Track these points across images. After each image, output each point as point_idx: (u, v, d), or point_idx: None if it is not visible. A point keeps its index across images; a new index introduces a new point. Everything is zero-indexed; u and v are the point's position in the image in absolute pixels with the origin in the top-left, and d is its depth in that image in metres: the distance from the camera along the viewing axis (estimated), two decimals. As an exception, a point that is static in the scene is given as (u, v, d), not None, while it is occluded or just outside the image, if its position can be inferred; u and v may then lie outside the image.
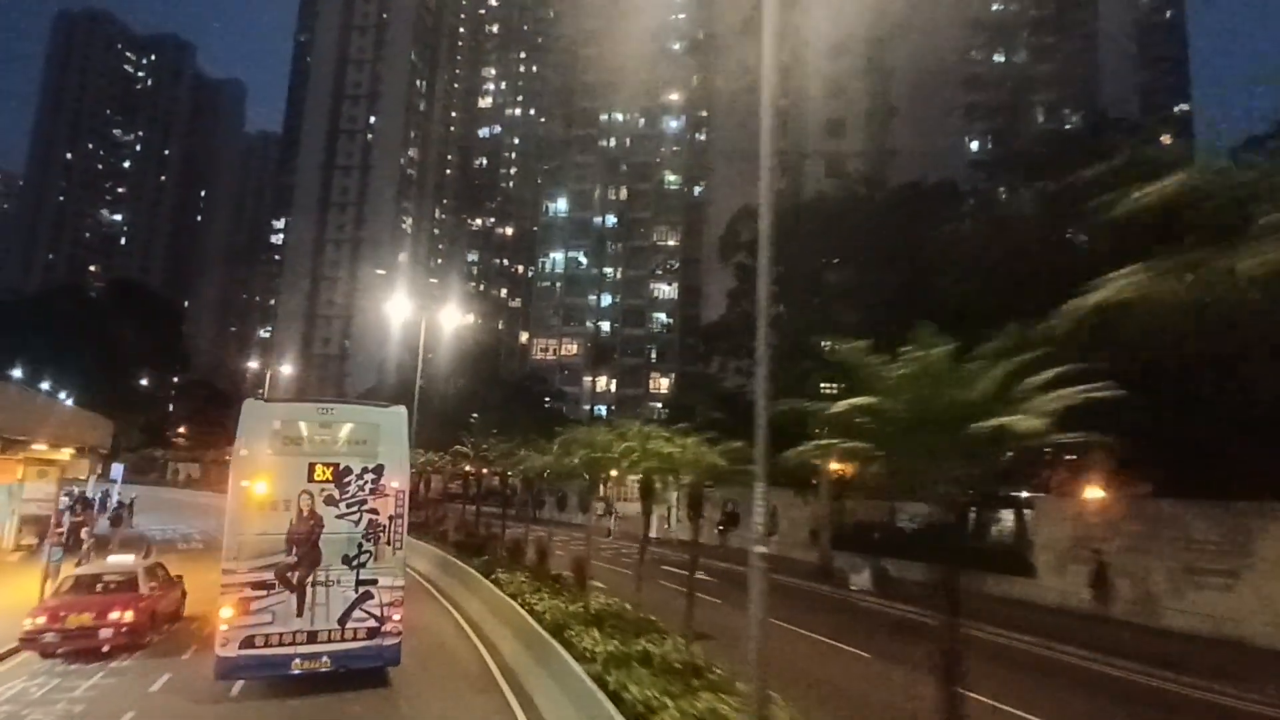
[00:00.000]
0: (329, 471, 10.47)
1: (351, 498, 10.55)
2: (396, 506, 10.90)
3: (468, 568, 19.65)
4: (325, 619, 10.20)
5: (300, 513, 10.22)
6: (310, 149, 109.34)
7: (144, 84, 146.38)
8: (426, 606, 18.40)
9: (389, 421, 11.28)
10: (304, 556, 10.14)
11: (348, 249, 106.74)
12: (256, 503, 10.10)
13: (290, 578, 10.08)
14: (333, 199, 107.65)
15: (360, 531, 10.54)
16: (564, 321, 72.46)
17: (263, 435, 10.47)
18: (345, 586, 10.34)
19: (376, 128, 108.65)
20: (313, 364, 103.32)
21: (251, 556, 9.93)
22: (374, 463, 10.75)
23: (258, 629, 9.86)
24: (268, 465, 10.28)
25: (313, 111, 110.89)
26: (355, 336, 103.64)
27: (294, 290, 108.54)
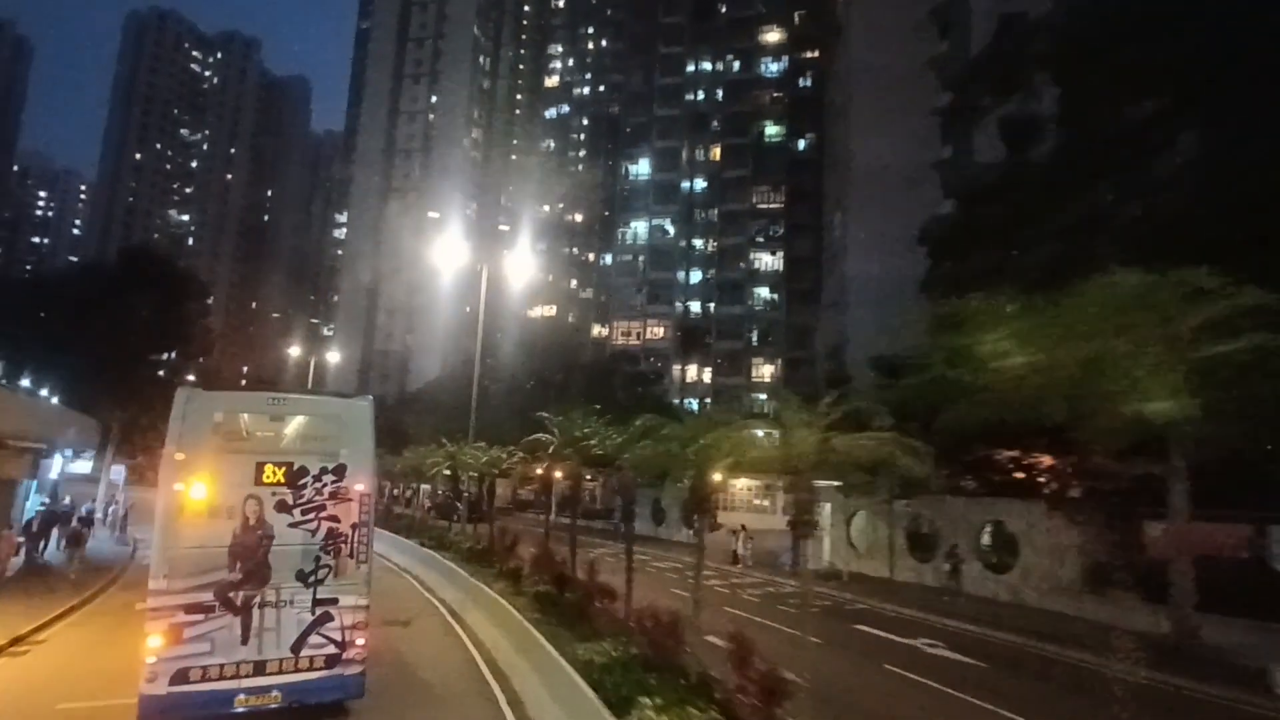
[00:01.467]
0: (281, 472, 8.84)
1: (308, 503, 8.90)
2: (361, 513, 9.18)
3: (581, 684, 8.61)
4: (276, 646, 8.61)
5: (246, 521, 8.61)
6: (371, 132, 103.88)
7: (211, 83, 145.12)
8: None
9: (352, 414, 9.61)
10: (250, 573, 8.54)
11: (410, 238, 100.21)
12: (193, 510, 8.44)
13: (233, 598, 8.46)
14: (394, 185, 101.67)
15: (318, 542, 8.90)
16: (648, 300, 62.72)
17: (201, 430, 8.70)
18: (300, 607, 8.73)
19: (438, 108, 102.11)
20: (373, 359, 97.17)
21: (186, 574, 8.27)
22: (334, 462, 9.09)
23: (193, 660, 8.23)
24: (207, 466, 8.56)
25: (373, 95, 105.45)
26: (418, 330, 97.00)
27: (355, 285, 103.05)
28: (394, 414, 78.03)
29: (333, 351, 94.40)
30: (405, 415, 74.10)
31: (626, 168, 67.26)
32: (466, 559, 22.13)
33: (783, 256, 59.50)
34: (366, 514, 9.35)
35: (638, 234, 65.47)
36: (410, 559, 25.67)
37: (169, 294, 39.89)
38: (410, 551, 26.16)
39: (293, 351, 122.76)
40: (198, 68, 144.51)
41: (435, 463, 29.16)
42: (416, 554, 25.18)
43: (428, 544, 26.14)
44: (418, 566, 23.94)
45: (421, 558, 24.58)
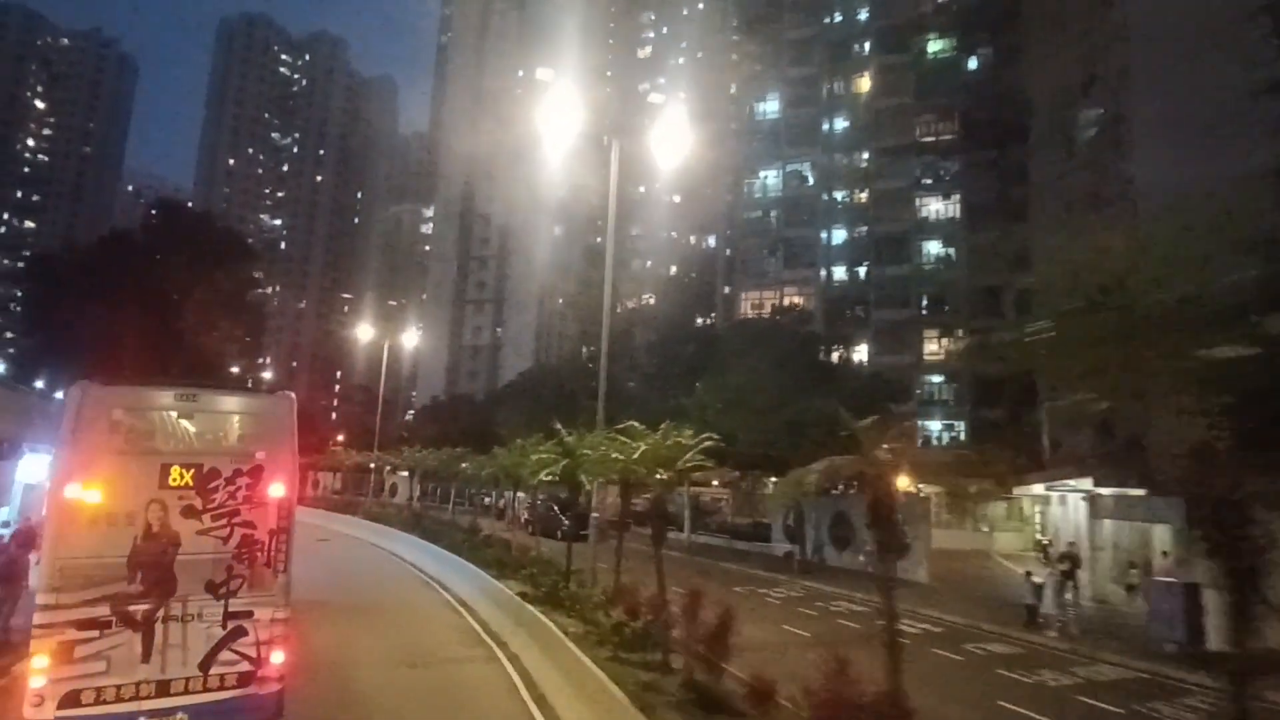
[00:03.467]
0: (189, 475, 8.02)
1: (219, 507, 8.12)
2: (280, 518, 8.47)
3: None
4: (181, 664, 7.82)
5: (149, 528, 7.74)
6: (456, 110, 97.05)
7: (299, 85, 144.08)
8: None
9: (270, 412, 8.94)
10: (153, 584, 7.68)
11: (497, 223, 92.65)
12: (88, 517, 7.54)
13: (133, 612, 7.60)
14: (480, 167, 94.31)
15: (230, 551, 8.10)
16: (783, 264, 51.15)
17: (98, 427, 7.87)
18: (209, 621, 7.95)
19: (524, 82, 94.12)
20: (463, 355, 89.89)
21: (79, 587, 7.42)
22: (250, 463, 8.36)
23: (85, 681, 7.39)
24: (104, 468, 7.69)
25: (458, 73, 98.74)
26: (509, 322, 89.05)
27: (442, 279, 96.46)
28: (483, 413, 70.29)
29: (419, 348, 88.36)
30: (496, 412, 65.66)
31: (751, 106, 55.98)
32: (608, 642, 11.80)
33: (959, 202, 46.78)
34: (286, 520, 8.56)
35: (767, 185, 54.06)
36: (509, 623, 15.41)
37: (207, 255, 32.15)
38: (508, 608, 15.92)
39: (380, 351, 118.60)
40: (286, 71, 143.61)
41: (544, 460, 18.84)
42: (522, 617, 14.87)
43: (533, 597, 15.92)
44: (533, 648, 13.52)
45: (531, 626, 14.26)
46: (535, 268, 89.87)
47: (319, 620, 16.11)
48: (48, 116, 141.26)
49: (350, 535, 35.98)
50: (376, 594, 20.76)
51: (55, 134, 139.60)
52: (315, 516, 43.52)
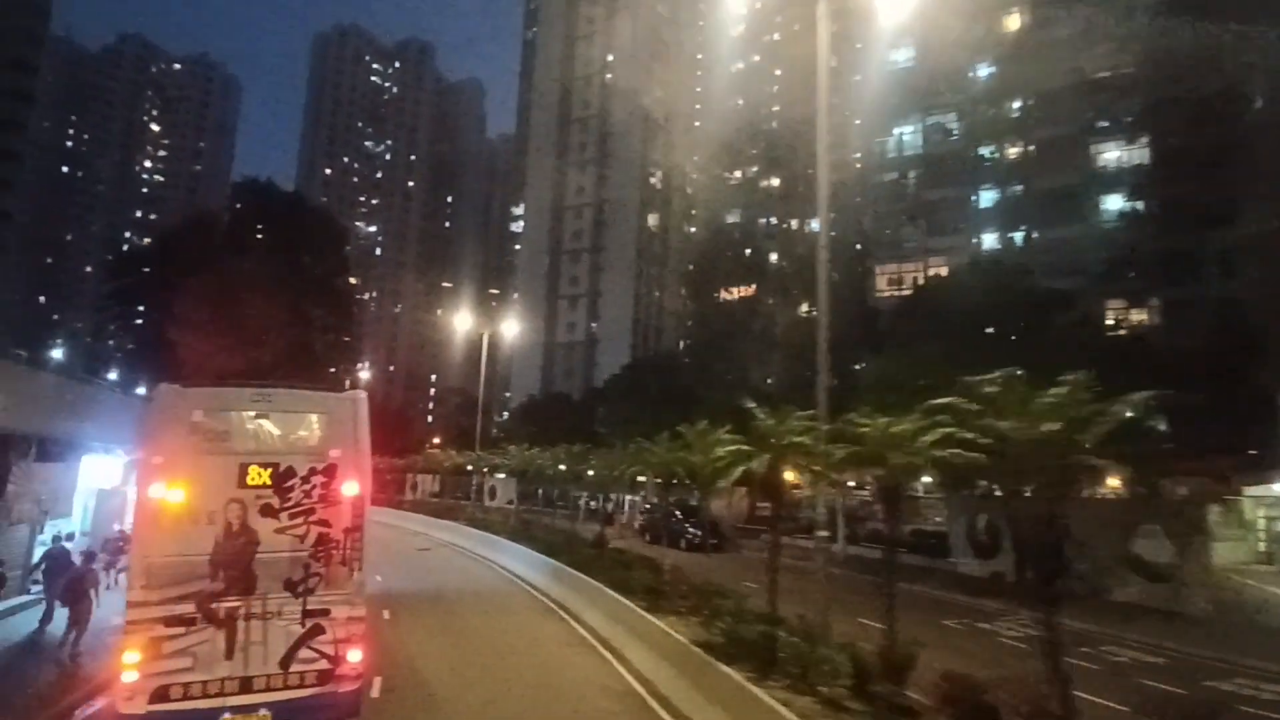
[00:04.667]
0: (266, 474, 8.21)
1: (296, 506, 8.27)
2: (354, 516, 8.48)
3: None
4: (263, 661, 7.92)
5: (229, 527, 7.95)
6: (544, 105, 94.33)
7: (390, 92, 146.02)
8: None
9: (343, 410, 8.95)
10: (234, 582, 7.88)
11: (589, 215, 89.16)
12: (171, 517, 7.81)
13: (216, 610, 7.81)
14: (570, 159, 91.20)
15: (307, 549, 8.24)
16: (926, 232, 44.52)
17: (179, 430, 8.17)
18: (289, 619, 8.06)
19: (614, 66, 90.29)
20: (557, 352, 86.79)
21: (165, 584, 7.68)
22: (324, 462, 8.45)
23: (174, 677, 7.59)
24: (186, 468, 7.96)
25: (545, 64, 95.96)
26: (604, 317, 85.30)
27: (534, 276, 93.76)
28: (580, 411, 66.65)
29: (513, 346, 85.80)
30: (596, 409, 61.71)
31: (888, 57, 49.43)
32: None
33: (1147, 147, 39.02)
34: (359, 518, 8.55)
35: (903, 142, 47.51)
36: (699, 698, 10.52)
37: (295, 237, 29.20)
38: (695, 673, 10.98)
39: (474, 352, 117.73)
40: (377, 79, 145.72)
41: (737, 454, 13.36)
42: (722, 693, 9.93)
43: (724, 652, 10.93)
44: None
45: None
46: (629, 260, 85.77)
47: (426, 671, 11.89)
48: (162, 139, 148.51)
49: (453, 544, 32.26)
50: (493, 627, 16.38)
51: (169, 155, 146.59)
52: (414, 522, 40.32)
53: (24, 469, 14.65)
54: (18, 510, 14.82)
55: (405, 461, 55.43)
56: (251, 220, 29.09)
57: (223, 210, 33.99)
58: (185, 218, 34.78)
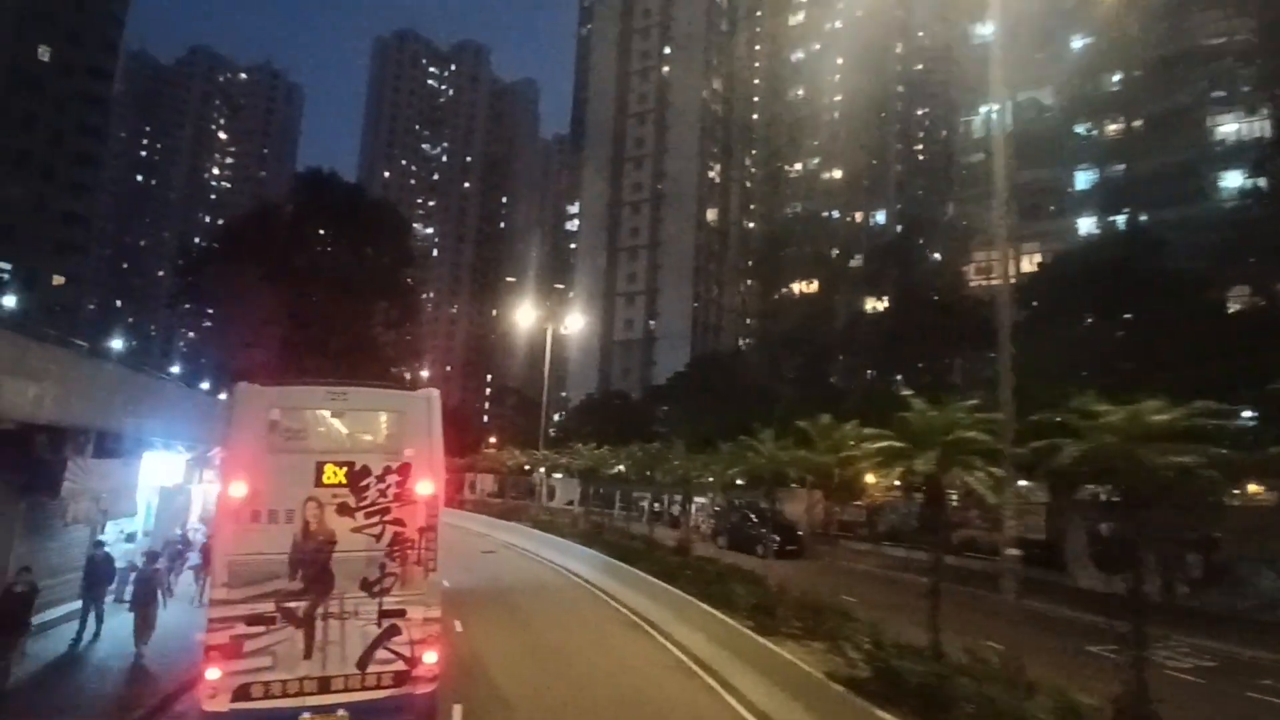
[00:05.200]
0: (342, 473, 8.17)
1: (371, 506, 8.19)
2: (428, 516, 8.42)
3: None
4: (340, 661, 7.89)
5: (306, 526, 7.95)
6: (600, 101, 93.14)
7: (446, 95, 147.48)
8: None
9: (417, 409, 8.81)
10: (312, 581, 7.87)
11: (647, 211, 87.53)
12: (251, 514, 7.81)
13: (295, 609, 7.80)
14: (627, 154, 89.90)
15: (383, 548, 8.17)
16: (1021, 215, 41.20)
17: (258, 428, 8.17)
18: (365, 619, 8.02)
19: (672, 59, 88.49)
20: (614, 350, 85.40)
21: (246, 583, 7.67)
22: (398, 461, 8.37)
23: (255, 676, 7.59)
24: (265, 466, 7.97)
25: (600, 63, 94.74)
26: (662, 314, 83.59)
27: (590, 272, 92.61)
28: (640, 409, 64.98)
29: (570, 344, 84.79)
30: (656, 408, 59.99)
31: (965, 28, 46.45)
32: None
33: (1270, 118, 35.21)
34: (433, 518, 8.50)
35: (993, 119, 44.27)
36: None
37: (357, 229, 28.28)
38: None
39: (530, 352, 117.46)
40: (434, 82, 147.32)
41: (889, 450, 11.24)
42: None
43: (868, 689, 8.92)
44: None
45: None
46: (687, 256, 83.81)
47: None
48: (228, 146, 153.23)
49: (518, 547, 30.92)
50: (577, 643, 14.73)
51: (235, 161, 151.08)
52: (476, 523, 39.21)
53: (81, 465, 13.62)
54: (74, 509, 13.81)
55: (465, 461, 54.73)
56: (314, 212, 28.33)
57: (286, 202, 33.52)
58: (249, 211, 34.34)
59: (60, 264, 59.08)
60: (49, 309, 51.87)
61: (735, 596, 14.64)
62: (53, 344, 10.85)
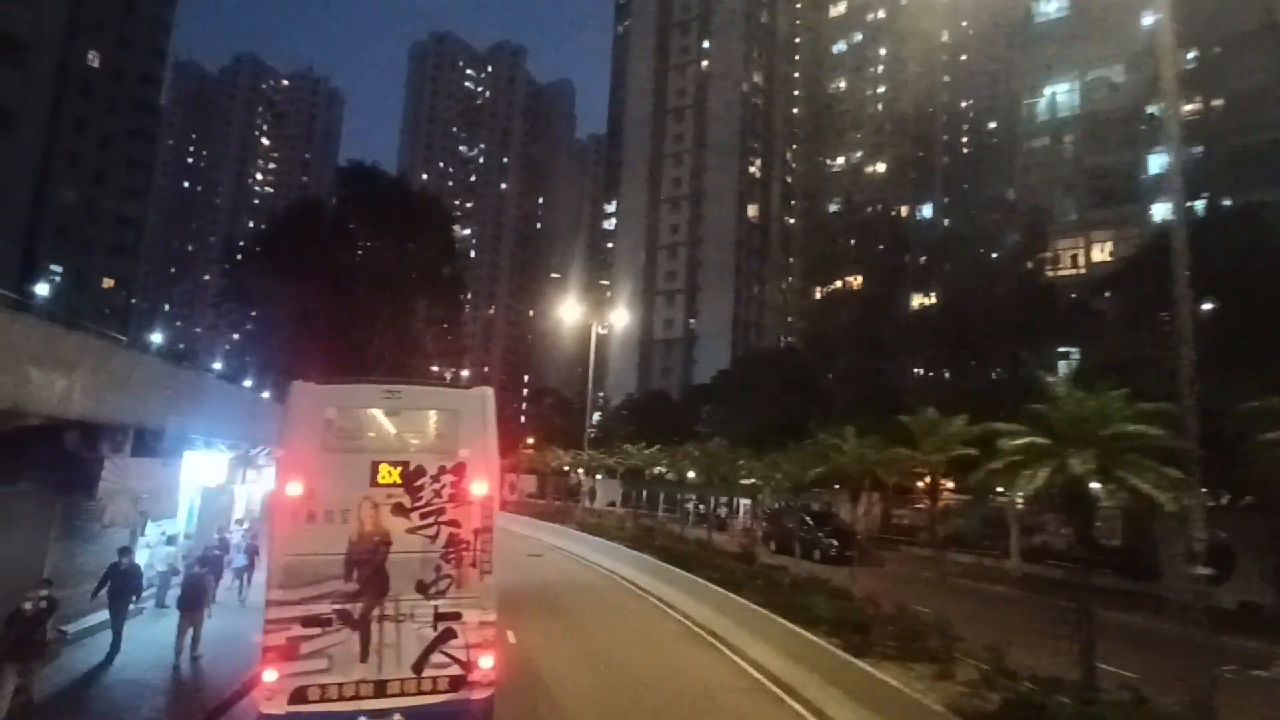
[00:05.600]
0: (396, 473, 8.02)
1: (426, 506, 8.06)
2: (483, 517, 8.30)
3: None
4: (396, 664, 7.72)
5: (362, 526, 7.82)
6: (638, 97, 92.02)
7: (483, 97, 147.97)
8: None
9: (471, 407, 8.69)
10: (367, 583, 7.75)
11: (686, 207, 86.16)
12: (307, 514, 7.73)
13: (350, 611, 7.68)
14: (665, 151, 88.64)
15: (438, 550, 8.03)
16: (1085, 204, 38.93)
17: (314, 427, 8.06)
18: (421, 622, 7.85)
19: (711, 53, 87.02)
20: (654, 350, 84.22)
21: (302, 584, 7.58)
22: (453, 461, 8.23)
23: (311, 678, 7.49)
24: (320, 466, 7.87)
25: (638, 59, 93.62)
26: (702, 313, 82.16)
27: (629, 270, 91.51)
28: (681, 409, 63.64)
29: (609, 343, 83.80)
30: (699, 408, 58.57)
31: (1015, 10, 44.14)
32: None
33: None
34: (489, 519, 8.36)
35: (1057, 102, 42.00)
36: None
37: (400, 222, 27.56)
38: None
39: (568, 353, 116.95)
40: (470, 84, 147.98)
41: (1037, 448, 9.68)
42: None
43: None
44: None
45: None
46: (728, 253, 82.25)
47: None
48: (271, 152, 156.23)
49: (564, 550, 29.80)
50: (638, 656, 13.50)
51: (278, 167, 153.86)
52: (519, 524, 38.23)
53: (119, 464, 12.85)
54: (112, 511, 13.03)
55: (506, 462, 53.91)
56: (356, 206, 27.71)
57: (328, 196, 33.09)
58: (291, 206, 34.01)
59: (111, 267, 59.99)
60: (99, 311, 52.53)
61: (816, 609, 13.26)
62: (84, 333, 9.92)
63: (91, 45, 55.77)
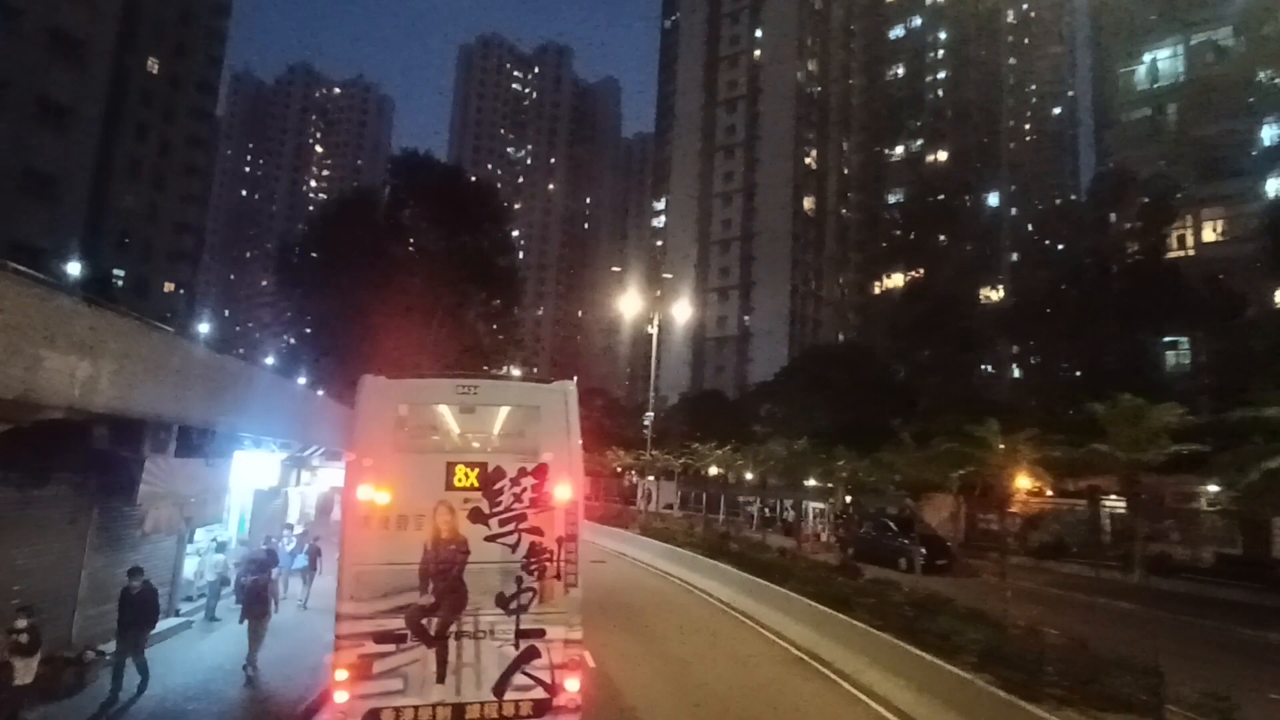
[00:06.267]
0: (474, 475, 7.35)
1: (506, 511, 7.36)
2: (567, 524, 7.49)
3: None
4: (476, 686, 7.04)
5: (438, 533, 7.16)
6: (688, 90, 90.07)
7: (530, 98, 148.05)
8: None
9: (553, 403, 7.86)
10: (444, 595, 7.09)
11: (739, 201, 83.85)
12: (379, 520, 7.09)
13: (426, 626, 7.02)
14: (716, 144, 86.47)
15: (519, 560, 7.32)
16: (1201, 177, 35.34)
17: (385, 425, 7.42)
18: (501, 639, 7.16)
19: (763, 42, 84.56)
20: (707, 348, 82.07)
21: (374, 595, 6.94)
22: (534, 461, 7.51)
23: (385, 700, 6.86)
24: (393, 467, 7.20)
25: (688, 51, 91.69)
26: (757, 309, 79.76)
27: (679, 268, 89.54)
28: (738, 409, 61.44)
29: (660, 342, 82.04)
30: (758, 406, 56.36)
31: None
32: None
33: None
34: (573, 526, 7.51)
35: (1158, 68, 38.59)
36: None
37: (454, 212, 26.28)
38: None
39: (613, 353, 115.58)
40: (517, 86, 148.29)
41: None
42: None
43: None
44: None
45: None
46: (784, 248, 79.60)
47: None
48: (325, 159, 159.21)
49: (629, 557, 28.04)
50: (738, 695, 11.58)
51: (331, 173, 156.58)
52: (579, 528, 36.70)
53: (162, 465, 11.55)
54: (154, 517, 11.71)
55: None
56: (410, 196, 26.57)
57: (382, 184, 32.07)
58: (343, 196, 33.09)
59: (171, 272, 60.76)
60: (160, 316, 53.05)
61: (955, 634, 11.18)
62: (110, 311, 8.52)
63: (151, 52, 56.50)
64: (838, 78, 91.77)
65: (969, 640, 10.80)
